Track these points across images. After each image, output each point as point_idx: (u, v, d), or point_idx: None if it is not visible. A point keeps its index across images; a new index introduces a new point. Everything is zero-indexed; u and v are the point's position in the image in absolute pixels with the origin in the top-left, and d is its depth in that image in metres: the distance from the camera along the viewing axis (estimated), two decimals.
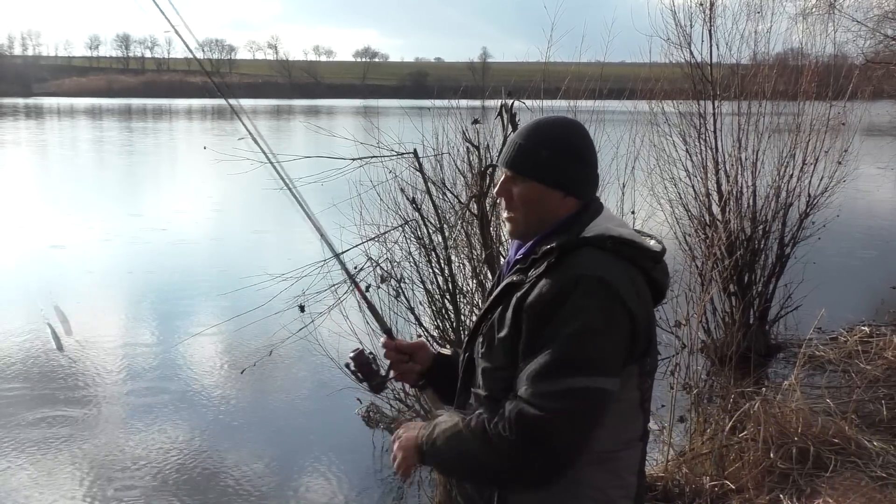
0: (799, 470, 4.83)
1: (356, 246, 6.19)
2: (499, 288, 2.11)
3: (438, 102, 6.78)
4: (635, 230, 2.19)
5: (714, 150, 8.22)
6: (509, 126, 5.82)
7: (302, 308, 6.01)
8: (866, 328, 8.31)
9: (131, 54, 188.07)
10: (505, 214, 2.17)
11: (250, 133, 2.74)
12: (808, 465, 4.88)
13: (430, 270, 6.35)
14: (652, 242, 2.13)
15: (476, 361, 2.13)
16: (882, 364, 7.02)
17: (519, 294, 2.00)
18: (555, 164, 2.09)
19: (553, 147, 2.10)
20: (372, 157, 6.05)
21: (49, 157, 32.35)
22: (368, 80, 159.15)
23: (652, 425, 3.62)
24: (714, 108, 8.25)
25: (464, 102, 6.74)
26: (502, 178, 2.16)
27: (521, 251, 2.12)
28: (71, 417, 6.88)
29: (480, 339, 2.11)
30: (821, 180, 8.30)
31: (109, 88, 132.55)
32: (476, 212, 5.93)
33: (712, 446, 5.10)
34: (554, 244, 2.00)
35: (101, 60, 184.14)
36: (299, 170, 6.14)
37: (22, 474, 5.90)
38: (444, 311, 6.24)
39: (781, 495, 4.62)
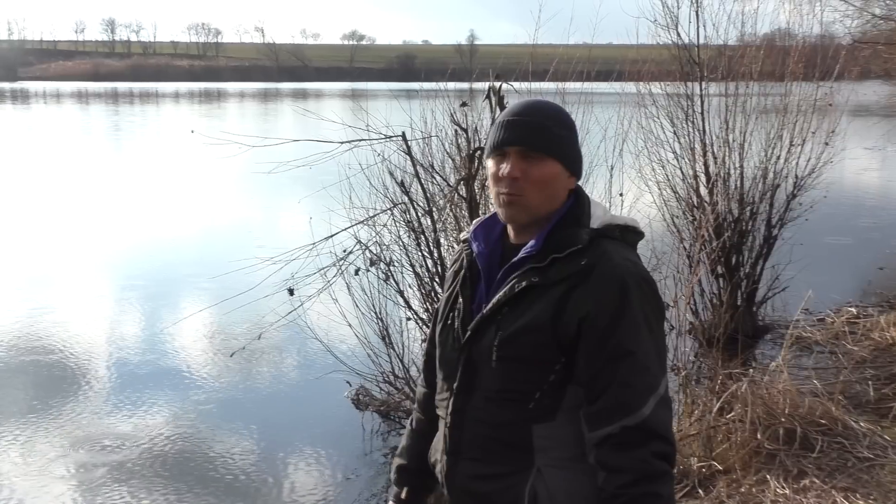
0: (786, 451, 4.85)
1: (345, 229, 6.18)
2: (507, 288, 1.98)
3: (426, 85, 6.75)
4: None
5: (701, 132, 8.21)
6: (497, 108, 5.80)
7: (291, 291, 6.01)
8: (853, 309, 8.33)
9: (117, 38, 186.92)
10: (508, 196, 2.01)
11: None
12: (795, 445, 4.90)
13: (419, 253, 6.35)
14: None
15: (484, 361, 2.01)
16: (869, 345, 7.04)
17: (550, 299, 1.93)
18: (570, 143, 2.07)
19: (565, 126, 2.07)
20: (360, 140, 6.02)
21: (35, 140, 32.09)
22: (356, 63, 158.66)
23: None
24: (701, 90, 8.23)
25: (451, 85, 6.72)
26: (512, 157, 2.01)
27: (529, 248, 1.99)
28: (58, 400, 6.86)
29: (495, 342, 1.98)
30: (808, 161, 8.29)
31: (95, 73, 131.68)
32: (465, 194, 5.92)
33: (700, 428, 5.12)
34: (580, 245, 1.94)
35: (87, 44, 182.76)
36: (288, 153, 6.17)
37: (5, 456, 5.90)
38: (433, 295, 6.24)
39: (768, 476, 4.64)
